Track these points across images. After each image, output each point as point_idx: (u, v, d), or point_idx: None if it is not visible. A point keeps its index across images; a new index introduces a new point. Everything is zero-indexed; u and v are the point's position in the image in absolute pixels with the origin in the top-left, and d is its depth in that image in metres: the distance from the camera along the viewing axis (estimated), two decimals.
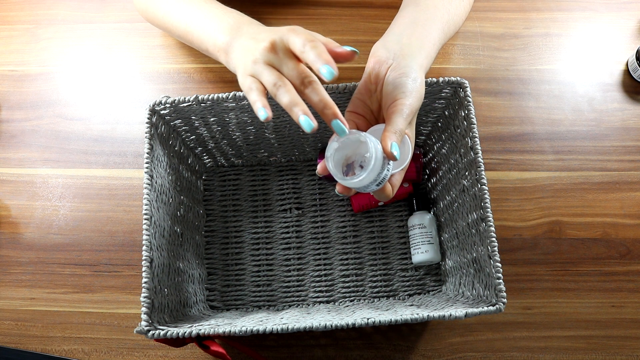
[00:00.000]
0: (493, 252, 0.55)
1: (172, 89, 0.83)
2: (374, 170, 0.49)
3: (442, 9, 0.63)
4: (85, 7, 0.88)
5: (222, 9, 0.64)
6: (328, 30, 0.85)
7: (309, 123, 0.48)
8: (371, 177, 0.49)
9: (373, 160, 0.48)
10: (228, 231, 0.76)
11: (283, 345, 0.71)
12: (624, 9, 0.87)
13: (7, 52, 0.85)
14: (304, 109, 0.48)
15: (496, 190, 0.77)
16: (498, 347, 0.70)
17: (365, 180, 0.49)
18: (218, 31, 0.60)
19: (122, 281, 0.73)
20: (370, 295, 0.72)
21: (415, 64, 0.55)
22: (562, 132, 0.80)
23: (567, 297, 0.72)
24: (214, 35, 0.61)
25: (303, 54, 0.48)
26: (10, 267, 0.74)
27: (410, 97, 0.52)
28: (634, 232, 0.75)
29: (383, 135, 0.50)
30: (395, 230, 0.75)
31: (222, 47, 0.59)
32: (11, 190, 0.78)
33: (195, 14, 0.65)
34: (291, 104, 0.48)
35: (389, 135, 0.49)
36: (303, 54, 0.48)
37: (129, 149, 0.80)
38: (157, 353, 0.70)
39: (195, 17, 0.64)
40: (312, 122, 0.48)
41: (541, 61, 0.84)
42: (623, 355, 0.70)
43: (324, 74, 0.46)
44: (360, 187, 0.51)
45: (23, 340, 0.71)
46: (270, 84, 0.49)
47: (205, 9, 0.64)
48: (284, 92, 0.48)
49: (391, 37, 0.58)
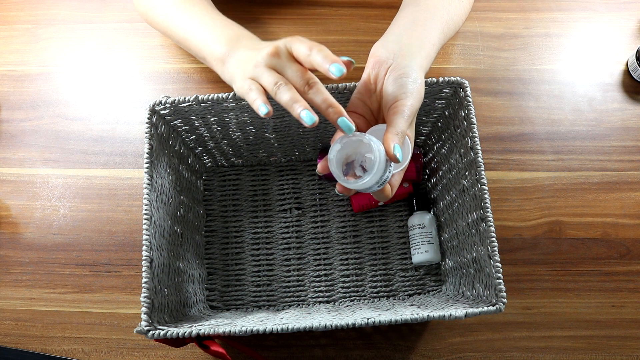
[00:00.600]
0: (493, 252, 0.55)
1: (172, 89, 0.83)
2: (377, 173, 0.49)
3: (442, 9, 0.63)
4: (85, 7, 0.88)
5: (222, 19, 0.64)
6: (328, 30, 0.85)
7: (310, 116, 0.48)
8: (374, 179, 0.49)
9: (377, 163, 0.49)
10: (228, 231, 0.76)
11: (283, 345, 0.71)
12: (624, 9, 0.87)
13: (7, 52, 0.85)
14: (305, 105, 0.49)
15: (496, 190, 0.77)
16: (498, 347, 0.70)
17: (369, 183, 0.50)
18: (216, 41, 0.61)
19: (122, 281, 0.73)
20: (370, 295, 0.72)
21: (415, 64, 0.55)
22: (562, 132, 0.80)
23: (567, 297, 0.72)
24: (212, 45, 0.61)
25: (309, 57, 0.49)
26: (10, 267, 0.74)
27: (411, 97, 0.52)
28: (634, 232, 0.75)
29: (385, 137, 0.50)
30: (395, 230, 0.75)
31: (219, 57, 0.60)
32: (11, 190, 0.78)
33: (194, 22, 0.65)
34: (291, 100, 0.49)
35: (391, 137, 0.49)
36: (309, 57, 0.49)
37: (129, 149, 0.80)
38: (157, 353, 0.70)
39: (194, 25, 0.65)
40: (313, 115, 0.48)
41: (541, 61, 0.84)
42: (623, 355, 0.70)
43: (333, 72, 0.47)
44: (362, 189, 0.51)
45: (23, 340, 0.71)
46: (271, 83, 0.50)
47: (205, 18, 0.64)
48: (284, 90, 0.49)
49: (391, 37, 0.58)
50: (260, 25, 0.85)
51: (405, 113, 0.51)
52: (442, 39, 0.62)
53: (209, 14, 0.65)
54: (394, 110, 0.52)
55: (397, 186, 0.53)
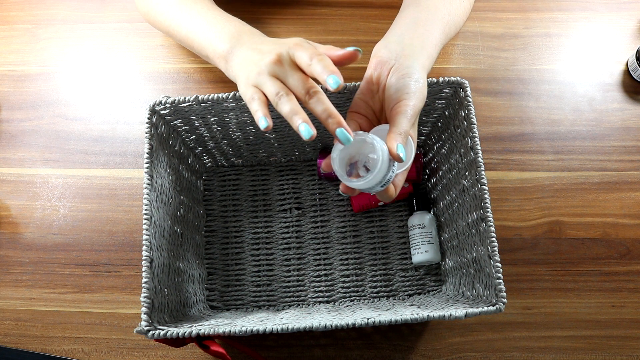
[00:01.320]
0: (493, 252, 0.55)
1: (172, 89, 0.83)
2: (380, 172, 0.49)
3: (443, 10, 0.63)
4: (85, 7, 0.88)
5: (224, 16, 0.64)
6: (328, 30, 0.85)
7: (308, 130, 0.48)
8: (377, 178, 0.49)
9: (380, 163, 0.49)
10: (228, 231, 0.76)
11: (283, 345, 0.71)
12: (624, 9, 0.87)
13: (7, 52, 0.85)
14: (304, 117, 0.49)
15: (496, 190, 0.77)
16: (498, 347, 0.70)
17: (372, 182, 0.50)
18: (219, 38, 0.61)
19: (122, 281, 0.73)
20: (370, 295, 0.72)
21: (417, 64, 0.55)
22: (562, 132, 0.80)
23: (567, 297, 0.72)
24: (215, 42, 0.61)
25: (310, 66, 0.49)
26: (10, 267, 0.74)
27: (414, 98, 0.52)
28: (634, 232, 0.75)
29: (388, 137, 0.50)
30: (395, 230, 0.75)
31: (222, 55, 0.59)
32: (11, 190, 0.78)
33: (196, 20, 0.65)
34: (292, 112, 0.49)
35: (395, 137, 0.50)
36: (310, 66, 0.49)
37: (129, 149, 0.80)
38: (157, 353, 0.70)
39: (196, 23, 0.64)
40: (312, 129, 0.49)
41: (541, 61, 0.84)
42: (623, 355, 0.70)
43: (330, 83, 0.48)
44: (365, 189, 0.51)
45: (23, 340, 0.71)
46: (272, 93, 0.50)
47: (206, 15, 0.64)
48: (285, 101, 0.49)
49: (393, 37, 0.58)
50: (261, 25, 0.85)
51: (408, 113, 0.51)
52: (444, 39, 0.62)
53: (210, 11, 0.65)
54: (397, 110, 0.52)
55: (401, 186, 0.53)
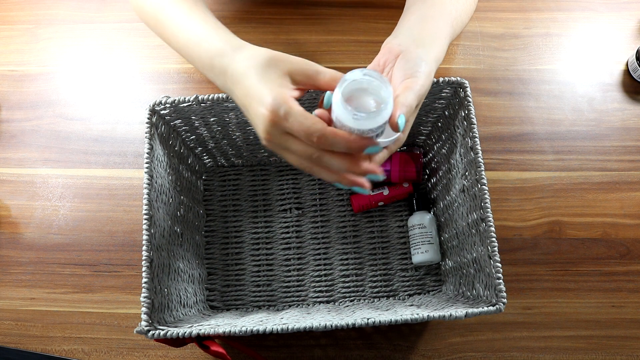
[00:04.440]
0: (493, 252, 0.55)
1: (172, 89, 0.83)
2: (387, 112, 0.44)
3: (449, 6, 0.62)
4: (85, 7, 0.88)
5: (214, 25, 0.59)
6: (328, 30, 0.85)
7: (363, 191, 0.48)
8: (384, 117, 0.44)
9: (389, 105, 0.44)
10: (228, 231, 0.76)
11: (283, 345, 0.71)
12: (624, 9, 0.87)
13: (7, 52, 0.85)
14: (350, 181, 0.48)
15: (496, 190, 0.77)
16: (498, 347, 0.70)
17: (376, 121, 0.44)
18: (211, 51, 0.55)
19: (122, 281, 0.73)
20: (370, 295, 0.72)
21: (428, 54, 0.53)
22: (562, 132, 0.80)
23: (567, 297, 0.72)
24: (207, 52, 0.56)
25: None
26: (10, 267, 0.74)
27: (423, 77, 0.50)
28: (634, 232, 0.75)
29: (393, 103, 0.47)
30: (395, 230, 0.75)
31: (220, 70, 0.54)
32: (11, 190, 0.78)
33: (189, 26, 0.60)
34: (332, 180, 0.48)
35: (399, 107, 0.47)
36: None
37: (129, 149, 0.80)
38: (157, 353, 0.70)
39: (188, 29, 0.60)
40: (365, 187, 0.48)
41: (541, 61, 0.84)
42: (623, 355, 0.70)
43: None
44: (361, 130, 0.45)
45: (23, 340, 0.71)
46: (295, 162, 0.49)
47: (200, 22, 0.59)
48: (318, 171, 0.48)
49: (402, 30, 0.56)
50: (261, 25, 0.85)
51: (416, 89, 0.49)
52: (452, 35, 0.61)
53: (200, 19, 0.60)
54: (406, 85, 0.49)
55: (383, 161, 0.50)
